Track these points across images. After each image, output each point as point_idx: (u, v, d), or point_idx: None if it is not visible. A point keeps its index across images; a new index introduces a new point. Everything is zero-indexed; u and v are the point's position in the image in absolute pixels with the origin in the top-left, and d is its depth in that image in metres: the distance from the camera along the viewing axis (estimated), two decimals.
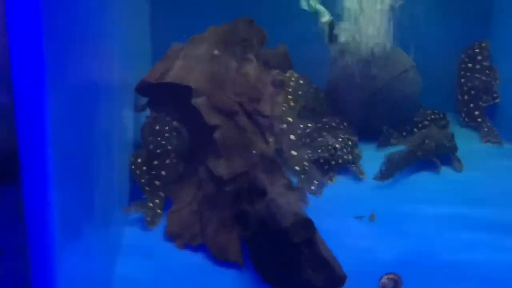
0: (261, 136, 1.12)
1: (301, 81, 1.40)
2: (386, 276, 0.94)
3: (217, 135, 1.08)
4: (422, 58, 1.49)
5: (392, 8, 1.42)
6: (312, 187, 1.16)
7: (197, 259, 1.02)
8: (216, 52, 1.24)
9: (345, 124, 1.42)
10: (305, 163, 1.18)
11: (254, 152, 1.07)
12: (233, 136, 1.09)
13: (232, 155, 1.07)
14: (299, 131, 1.24)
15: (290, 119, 1.22)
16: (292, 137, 1.19)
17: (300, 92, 1.39)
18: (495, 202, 1.21)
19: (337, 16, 1.44)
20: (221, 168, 1.05)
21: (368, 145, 1.41)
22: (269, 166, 1.06)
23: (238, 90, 1.16)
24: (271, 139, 1.14)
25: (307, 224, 0.92)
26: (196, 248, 1.03)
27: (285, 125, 1.19)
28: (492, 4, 1.55)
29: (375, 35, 1.42)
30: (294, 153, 1.17)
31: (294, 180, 1.16)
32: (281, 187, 1.02)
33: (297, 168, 1.15)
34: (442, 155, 1.34)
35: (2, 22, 0.66)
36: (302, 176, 1.15)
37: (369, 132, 1.42)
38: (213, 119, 1.11)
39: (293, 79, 1.39)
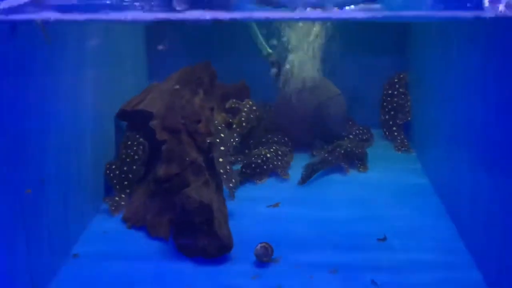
0: (196, 148, 1.17)
1: (254, 107, 1.48)
2: (259, 245, 1.00)
3: (163, 147, 1.16)
4: (356, 86, 1.57)
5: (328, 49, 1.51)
6: (231, 184, 1.24)
7: (138, 235, 1.12)
8: (176, 86, 1.31)
9: (285, 139, 1.50)
10: (228, 167, 1.24)
11: (187, 159, 1.14)
12: (174, 148, 1.16)
13: (171, 161, 1.14)
14: (228, 144, 1.29)
15: (222, 135, 1.27)
16: (222, 148, 1.25)
17: (251, 116, 1.46)
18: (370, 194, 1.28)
19: (283, 58, 1.52)
20: (161, 171, 1.14)
21: (303, 154, 1.47)
22: (196, 170, 1.13)
23: (185, 115, 1.22)
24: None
25: (206, 209, 1.02)
26: (139, 228, 1.14)
27: (217, 140, 1.24)
28: (409, 43, 1.58)
29: (308, 71, 1.50)
30: (221, 159, 1.22)
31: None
32: (200, 183, 1.10)
33: (221, 170, 1.20)
34: (353, 160, 1.41)
35: None
36: (224, 176, 1.21)
37: (306, 145, 1.49)
38: (162, 135, 1.19)
39: (247, 107, 1.47)
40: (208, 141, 1.19)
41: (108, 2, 0.76)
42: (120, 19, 0.75)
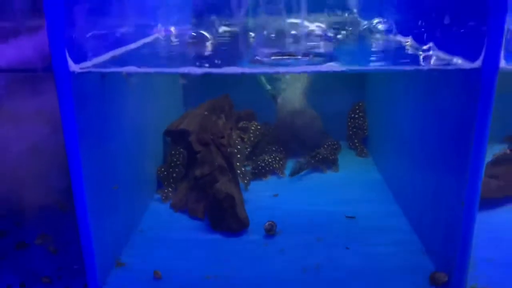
0: (221, 156, 1.21)
1: (259, 127, 1.51)
2: (267, 222, 1.05)
3: (198, 155, 1.21)
4: (331, 111, 1.58)
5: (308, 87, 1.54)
6: (245, 181, 1.28)
7: (182, 216, 1.15)
8: (206, 113, 1.36)
9: (281, 148, 1.52)
10: (242, 169, 1.28)
11: (216, 163, 1.19)
12: (206, 156, 1.20)
13: (204, 165, 1.19)
14: (244, 153, 1.34)
15: (238, 147, 1.32)
16: (238, 156, 1.30)
17: (257, 133, 1.50)
18: (341, 186, 1.30)
19: (279, 92, 1.56)
20: (198, 171, 1.18)
21: (293, 159, 1.47)
22: (222, 171, 1.17)
23: (213, 132, 1.26)
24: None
25: (230, 198, 1.06)
26: (183, 212, 1.17)
27: (235, 150, 1.29)
28: (365, 80, 1.61)
29: (295, 101, 1.53)
30: (238, 164, 1.27)
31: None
32: (226, 180, 1.15)
33: (238, 171, 1.24)
34: (328, 163, 1.44)
35: None
36: (241, 175, 1.26)
37: (295, 153, 1.51)
38: (197, 147, 1.23)
39: (253, 127, 1.50)
40: (229, 151, 1.23)
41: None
42: (184, 72, 0.76)
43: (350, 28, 1.18)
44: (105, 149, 0.90)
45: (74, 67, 0.71)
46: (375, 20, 1.23)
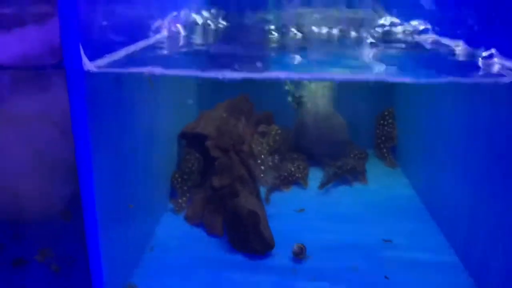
0: (242, 164, 1.13)
1: (279, 131, 1.42)
2: (296, 245, 0.95)
3: (216, 162, 1.12)
4: (357, 118, 1.50)
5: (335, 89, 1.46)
6: (267, 194, 1.20)
7: (198, 231, 1.07)
8: (224, 114, 1.27)
9: (303, 155, 1.43)
10: (266, 180, 1.21)
11: (236, 173, 1.10)
12: (225, 163, 1.11)
13: (223, 174, 1.10)
14: (269, 163, 1.26)
15: (263, 156, 1.23)
16: (262, 167, 1.22)
17: (277, 138, 1.41)
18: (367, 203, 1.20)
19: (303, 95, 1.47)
20: (215, 181, 1.09)
21: (316, 168, 1.41)
22: (242, 181, 1.09)
23: (232, 137, 1.18)
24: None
25: (254, 215, 0.97)
26: (198, 225, 1.08)
27: (258, 160, 1.21)
28: (395, 86, 1.52)
29: (321, 105, 1.44)
30: (262, 175, 1.19)
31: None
32: (247, 193, 1.07)
33: (261, 183, 1.17)
34: (356, 174, 1.35)
35: None
36: (263, 186, 1.18)
37: (317, 161, 1.43)
38: (215, 153, 1.14)
39: (273, 131, 1.41)
40: (250, 160, 1.15)
41: None
42: (215, 76, 0.68)
43: (388, 28, 1.10)
44: (117, 155, 0.82)
45: (89, 65, 0.62)
46: (414, 22, 1.14)
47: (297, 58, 0.82)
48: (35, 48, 0.69)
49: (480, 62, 0.83)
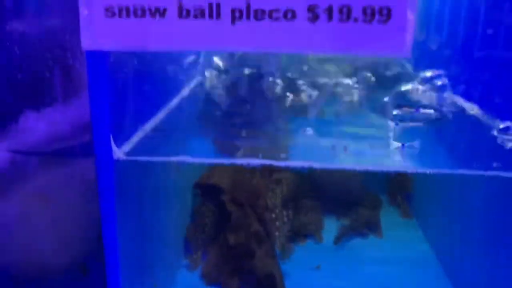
0: (258, 220, 1.14)
1: (293, 178, 1.37)
2: None
3: (232, 217, 1.13)
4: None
5: None
6: (284, 251, 1.20)
7: None
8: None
9: (316, 204, 1.42)
10: (282, 238, 1.19)
11: (251, 230, 1.11)
12: (240, 219, 1.12)
13: (239, 231, 1.11)
14: (284, 219, 1.24)
15: (277, 210, 1.22)
16: (277, 223, 1.20)
17: (291, 185, 1.37)
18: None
19: None
20: (231, 239, 1.11)
21: (330, 217, 1.40)
22: (259, 239, 1.10)
23: (247, 190, 1.18)
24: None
25: (271, 278, 0.99)
26: (216, 284, 1.09)
27: (273, 215, 1.20)
28: None
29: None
30: (277, 233, 1.18)
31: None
32: (263, 253, 1.08)
33: (278, 241, 1.16)
34: (371, 226, 1.35)
35: None
36: (279, 245, 1.16)
37: (331, 209, 1.42)
38: (230, 207, 1.15)
39: (287, 179, 1.36)
40: (266, 215, 1.16)
41: None
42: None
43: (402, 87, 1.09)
44: (141, 226, 0.83)
45: (118, 154, 0.64)
46: (428, 73, 1.14)
47: (321, 142, 0.82)
48: (63, 130, 0.71)
49: (498, 136, 0.84)
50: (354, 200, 1.44)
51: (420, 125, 0.91)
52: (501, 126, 0.86)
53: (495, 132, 0.83)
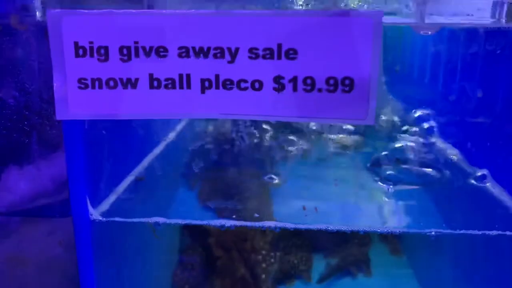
0: (244, 263, 1.16)
1: None
2: None
3: (218, 262, 1.15)
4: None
5: None
6: None
7: None
8: None
9: (306, 242, 1.40)
10: (268, 282, 1.20)
11: (237, 275, 1.12)
12: (227, 264, 1.14)
13: (225, 277, 1.13)
14: (272, 260, 1.24)
15: (264, 252, 1.23)
16: (264, 265, 1.21)
17: None
18: None
19: None
20: (217, 284, 1.13)
21: (318, 255, 1.37)
22: (245, 284, 1.12)
23: (234, 233, 1.18)
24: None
25: None
26: None
27: (260, 257, 1.21)
28: None
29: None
30: (264, 276, 1.19)
31: None
32: None
33: (263, 285, 1.18)
34: (359, 264, 1.35)
35: None
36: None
37: (319, 248, 1.38)
38: (217, 251, 1.17)
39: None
40: (253, 259, 1.16)
41: None
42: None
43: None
44: (121, 279, 0.84)
45: (95, 215, 0.66)
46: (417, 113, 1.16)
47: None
48: (44, 186, 0.73)
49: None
50: (342, 237, 1.46)
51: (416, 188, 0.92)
52: (478, 173, 0.88)
53: (472, 180, 0.85)
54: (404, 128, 1.08)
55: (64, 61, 0.56)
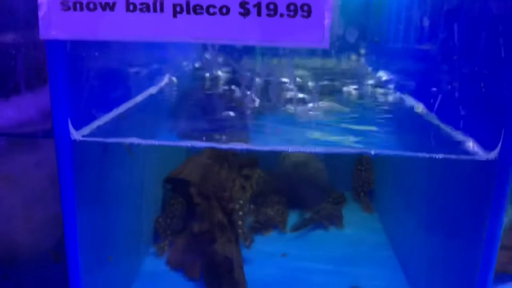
0: (222, 211, 1.20)
1: (262, 175, 1.48)
2: None
3: (198, 209, 1.19)
4: (337, 162, 1.53)
5: None
6: (247, 242, 1.26)
7: (178, 275, 1.13)
8: (208, 161, 1.33)
9: (283, 199, 1.49)
10: (244, 228, 1.26)
11: (216, 219, 1.16)
12: (206, 210, 1.18)
13: (203, 221, 1.16)
14: (247, 210, 1.29)
15: (241, 202, 1.27)
16: (240, 213, 1.25)
17: (260, 181, 1.47)
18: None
19: None
20: (196, 227, 1.16)
21: (295, 211, 1.47)
22: (222, 228, 1.15)
23: (214, 184, 1.25)
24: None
25: (229, 262, 1.04)
26: (178, 270, 1.15)
27: (237, 206, 1.25)
28: None
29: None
30: (240, 223, 1.24)
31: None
32: (225, 239, 1.13)
33: (240, 230, 1.22)
34: (332, 219, 1.42)
35: None
36: (242, 235, 1.23)
37: (297, 204, 1.48)
38: (197, 200, 1.21)
39: (256, 174, 1.48)
40: (230, 207, 1.21)
41: None
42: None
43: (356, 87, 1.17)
44: (102, 207, 0.89)
45: (75, 135, 0.70)
46: (383, 76, 1.22)
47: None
48: (30, 115, 0.77)
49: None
50: (319, 196, 1.52)
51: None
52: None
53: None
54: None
55: None
